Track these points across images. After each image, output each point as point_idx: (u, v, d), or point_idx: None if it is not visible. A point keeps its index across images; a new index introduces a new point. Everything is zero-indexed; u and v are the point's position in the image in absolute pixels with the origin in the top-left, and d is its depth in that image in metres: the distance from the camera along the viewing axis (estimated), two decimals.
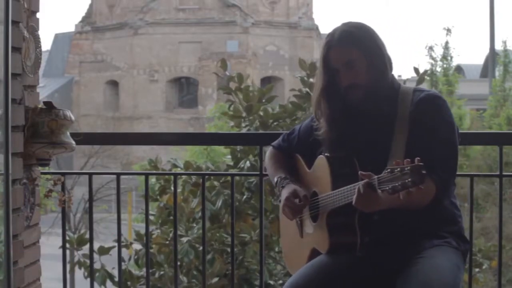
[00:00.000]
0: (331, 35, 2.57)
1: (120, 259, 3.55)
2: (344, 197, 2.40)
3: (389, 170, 2.18)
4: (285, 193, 2.65)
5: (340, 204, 2.43)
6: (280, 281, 5.43)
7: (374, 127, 2.55)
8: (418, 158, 2.14)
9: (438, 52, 17.99)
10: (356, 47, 2.53)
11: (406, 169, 2.13)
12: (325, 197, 2.53)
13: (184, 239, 5.16)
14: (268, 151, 2.95)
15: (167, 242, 5.24)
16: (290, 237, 2.82)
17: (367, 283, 2.51)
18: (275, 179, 2.76)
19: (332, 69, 2.56)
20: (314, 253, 2.62)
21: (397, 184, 2.14)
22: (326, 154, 2.59)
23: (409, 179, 2.11)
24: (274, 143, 2.94)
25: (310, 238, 2.66)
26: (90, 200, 3.52)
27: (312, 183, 2.67)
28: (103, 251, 4.99)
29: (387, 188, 2.17)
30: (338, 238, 2.50)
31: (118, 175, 3.51)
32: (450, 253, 2.48)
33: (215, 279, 5.11)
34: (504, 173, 3.20)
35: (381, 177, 2.21)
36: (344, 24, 2.59)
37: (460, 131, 2.61)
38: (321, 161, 2.59)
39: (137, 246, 5.46)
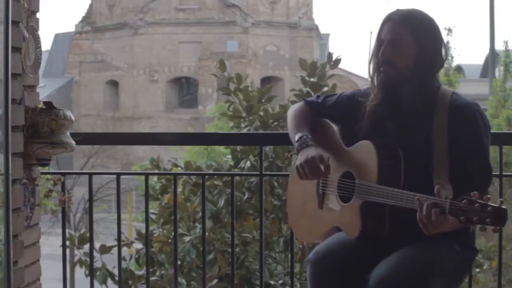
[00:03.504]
0: (397, 10, 2.58)
1: (121, 258, 3.55)
2: (399, 199, 2.38)
3: (466, 200, 2.18)
4: (312, 152, 2.59)
5: (392, 203, 2.40)
6: (281, 281, 5.42)
7: (410, 120, 2.55)
8: (501, 199, 2.17)
9: None
10: (411, 32, 2.52)
11: (488, 208, 2.14)
12: (368, 185, 2.49)
13: (187, 238, 5.17)
14: (299, 103, 2.89)
15: (169, 240, 5.23)
16: (302, 200, 2.79)
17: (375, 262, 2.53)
18: (300, 134, 2.68)
19: (380, 39, 2.57)
20: (334, 230, 2.64)
21: (473, 218, 2.16)
22: (372, 140, 2.55)
23: (489, 219, 2.13)
24: (308, 98, 2.90)
25: (334, 215, 2.64)
26: (90, 200, 3.52)
27: (348, 163, 2.62)
28: (105, 249, 4.99)
29: (461, 217, 2.18)
30: (368, 227, 2.51)
31: (118, 175, 3.51)
32: (442, 253, 2.48)
33: (214, 281, 5.11)
34: (504, 173, 3.21)
35: (454, 203, 2.21)
36: (414, 9, 2.58)
37: None
38: (367, 147, 2.55)
39: (138, 245, 5.46)
